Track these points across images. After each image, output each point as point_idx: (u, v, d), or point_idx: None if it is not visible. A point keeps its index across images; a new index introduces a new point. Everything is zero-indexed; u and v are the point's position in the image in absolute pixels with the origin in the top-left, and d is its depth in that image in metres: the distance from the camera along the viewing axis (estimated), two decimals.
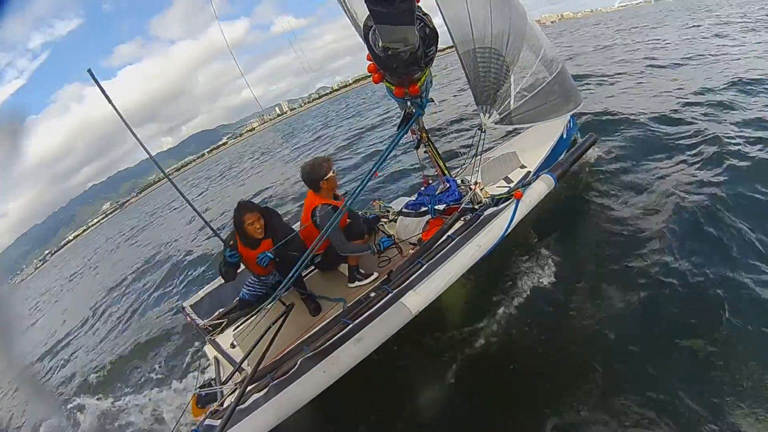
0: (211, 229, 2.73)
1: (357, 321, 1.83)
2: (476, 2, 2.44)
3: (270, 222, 2.57)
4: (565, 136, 4.13)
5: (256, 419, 1.31)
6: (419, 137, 2.94)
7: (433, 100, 2.02)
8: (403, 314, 1.41)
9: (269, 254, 2.46)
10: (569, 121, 4.19)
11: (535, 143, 4.14)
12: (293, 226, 2.91)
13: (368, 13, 1.20)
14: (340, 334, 1.82)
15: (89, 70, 1.93)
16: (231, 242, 2.51)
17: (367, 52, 1.49)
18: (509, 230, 1.69)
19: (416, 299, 1.45)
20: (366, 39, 1.43)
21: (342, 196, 2.94)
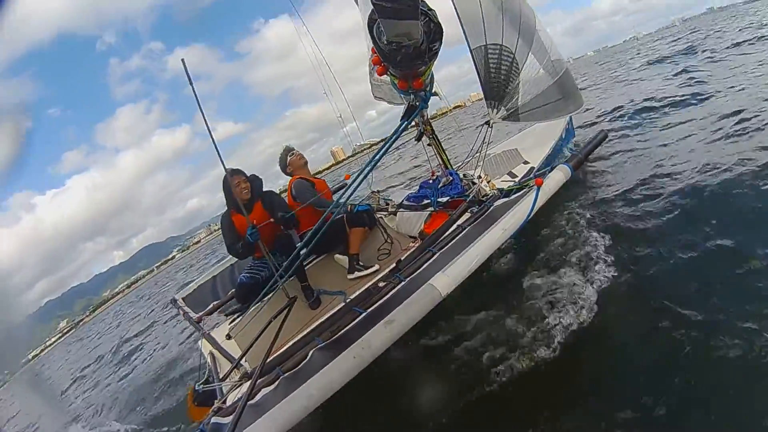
0: (236, 206, 2.67)
1: (370, 309, 1.86)
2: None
3: (255, 185, 2.75)
4: (564, 136, 4.29)
5: (284, 410, 1.24)
6: (422, 130, 2.96)
7: (437, 94, 2.03)
8: (433, 295, 1.39)
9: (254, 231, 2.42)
10: (568, 122, 4.37)
11: (537, 142, 4.30)
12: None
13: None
14: (354, 322, 1.85)
15: (182, 60, 1.90)
16: (254, 221, 2.50)
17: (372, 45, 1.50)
18: (531, 215, 1.75)
19: (445, 280, 1.43)
20: (370, 32, 1.43)
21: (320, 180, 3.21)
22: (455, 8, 2.39)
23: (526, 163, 3.86)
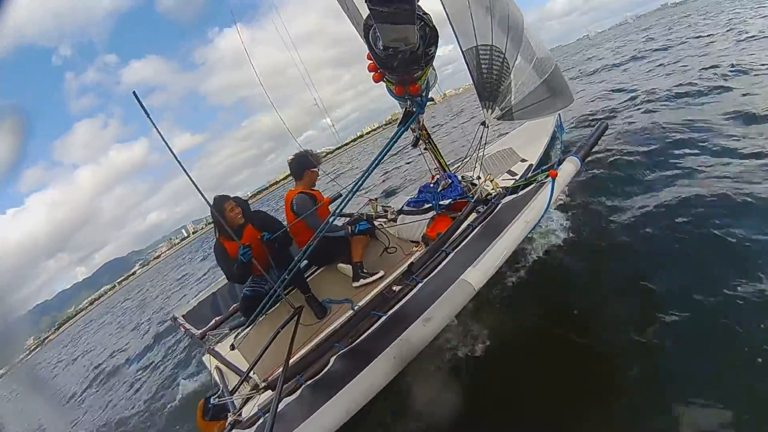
0: (210, 206, 2.60)
1: (390, 312, 1.84)
2: (477, 1, 2.48)
3: (244, 208, 2.68)
4: (557, 133, 4.41)
5: (328, 414, 1.22)
6: (418, 135, 2.96)
7: (433, 99, 2.02)
8: (467, 290, 1.39)
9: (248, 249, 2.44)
10: (557, 119, 4.46)
11: (530, 140, 4.37)
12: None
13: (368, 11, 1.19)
14: (374, 326, 1.83)
15: (134, 92, 1.90)
16: (245, 243, 2.51)
17: (367, 51, 1.48)
18: (549, 206, 1.77)
19: (477, 275, 1.42)
20: (366, 38, 1.42)
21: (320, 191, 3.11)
22: (445, 10, 2.40)
23: (524, 161, 3.92)
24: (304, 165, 2.95)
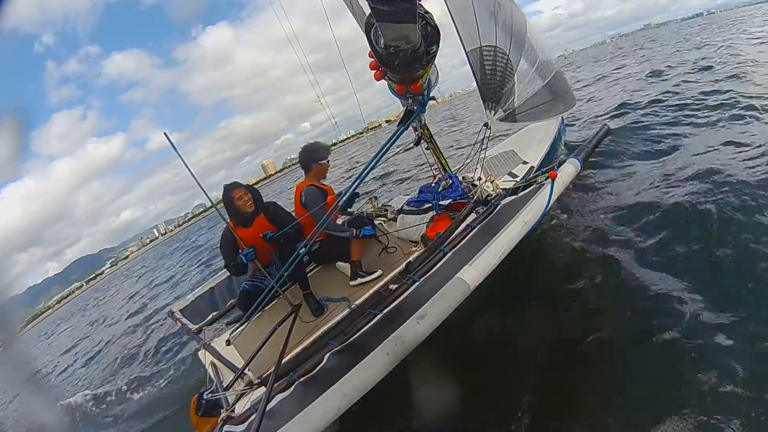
0: (212, 203, 2.58)
1: (386, 310, 1.84)
2: (482, 2, 2.47)
3: (256, 197, 2.67)
4: (559, 136, 4.38)
5: (318, 410, 1.20)
6: (420, 134, 2.96)
7: (434, 98, 2.02)
8: (463, 289, 1.38)
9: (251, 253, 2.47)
10: (560, 122, 4.44)
11: (532, 142, 4.36)
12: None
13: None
14: (370, 324, 1.83)
15: (165, 133, 1.93)
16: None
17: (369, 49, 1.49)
18: (549, 207, 1.76)
19: (474, 273, 1.42)
20: (368, 36, 1.43)
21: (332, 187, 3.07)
22: (449, 11, 2.40)
23: (525, 163, 3.92)
24: (310, 158, 2.91)
